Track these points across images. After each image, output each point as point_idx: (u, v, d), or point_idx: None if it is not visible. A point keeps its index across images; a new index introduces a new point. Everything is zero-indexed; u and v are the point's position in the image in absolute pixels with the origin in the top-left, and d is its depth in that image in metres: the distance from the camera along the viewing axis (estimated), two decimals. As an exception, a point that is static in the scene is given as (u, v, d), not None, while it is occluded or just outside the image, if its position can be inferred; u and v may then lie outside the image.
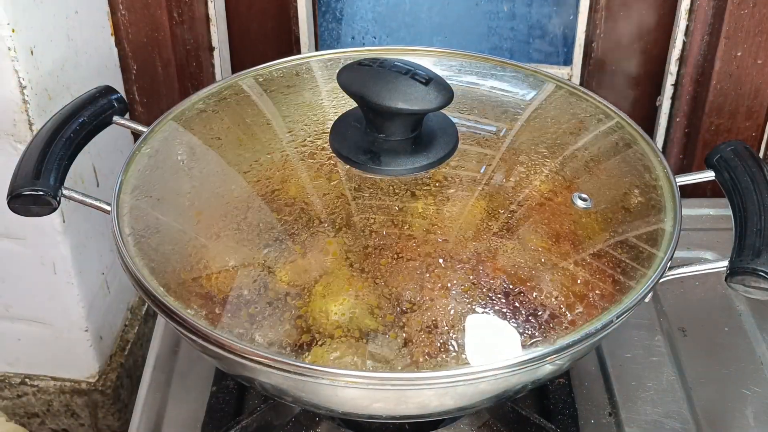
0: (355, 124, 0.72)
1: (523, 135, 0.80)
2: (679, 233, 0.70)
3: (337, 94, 0.80)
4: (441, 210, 0.77)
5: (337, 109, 0.79)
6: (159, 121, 0.80)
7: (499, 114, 0.82)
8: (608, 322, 0.65)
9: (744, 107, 1.00)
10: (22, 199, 0.68)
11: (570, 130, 0.83)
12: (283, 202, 0.81)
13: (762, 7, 0.94)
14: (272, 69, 0.87)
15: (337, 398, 0.61)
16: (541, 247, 0.77)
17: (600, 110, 0.83)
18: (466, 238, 0.78)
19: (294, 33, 1.09)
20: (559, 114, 0.83)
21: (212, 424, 0.75)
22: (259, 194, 0.84)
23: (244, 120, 0.84)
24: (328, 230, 0.78)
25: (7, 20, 0.82)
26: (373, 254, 0.76)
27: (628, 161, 0.79)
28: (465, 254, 0.77)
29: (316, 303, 0.69)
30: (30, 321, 1.02)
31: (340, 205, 0.82)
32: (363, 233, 0.78)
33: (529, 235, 0.78)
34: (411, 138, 0.70)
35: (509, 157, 0.81)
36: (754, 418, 0.77)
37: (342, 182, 0.80)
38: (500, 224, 0.79)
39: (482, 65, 0.89)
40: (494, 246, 0.78)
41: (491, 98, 0.86)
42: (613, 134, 0.81)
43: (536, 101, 0.85)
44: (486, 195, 0.80)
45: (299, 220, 0.79)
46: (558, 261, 0.76)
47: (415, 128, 0.71)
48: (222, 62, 1.09)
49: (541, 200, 0.82)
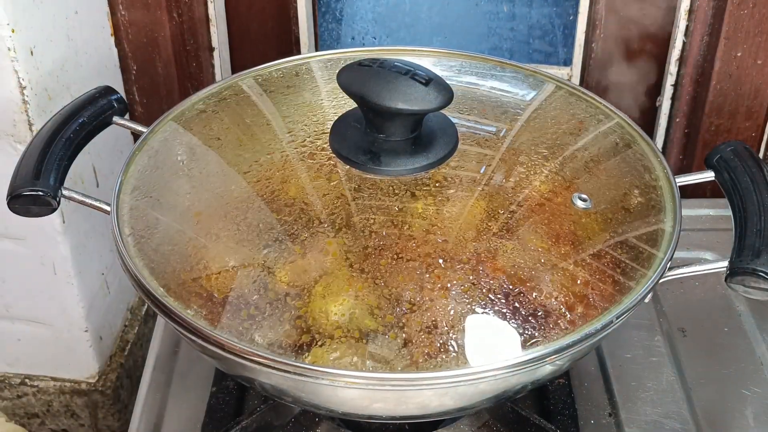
0: (354, 125, 0.72)
1: (523, 135, 0.80)
2: (679, 233, 0.70)
3: (337, 95, 0.80)
4: (441, 210, 0.77)
5: (337, 109, 0.79)
6: (159, 122, 0.80)
7: (499, 114, 0.82)
8: (608, 322, 0.65)
9: (744, 107, 1.00)
10: (22, 200, 0.68)
11: (570, 130, 0.83)
12: (282, 203, 0.81)
13: (762, 8, 0.94)
14: (272, 69, 0.87)
15: (337, 398, 0.61)
16: (541, 248, 0.77)
17: (600, 110, 0.83)
18: (465, 238, 0.78)
19: (294, 33, 1.09)
20: (559, 114, 0.83)
21: (212, 424, 0.75)
22: (258, 194, 0.84)
23: (244, 120, 0.84)
24: (328, 231, 0.78)
25: (7, 20, 0.82)
26: (373, 254, 0.76)
27: (627, 161, 0.79)
28: (465, 254, 0.77)
29: (316, 303, 0.69)
30: (30, 321, 1.02)
31: (340, 206, 0.82)
32: (363, 233, 0.78)
33: (529, 236, 0.78)
34: (411, 138, 0.70)
35: (509, 157, 0.81)
36: (754, 418, 0.77)
37: (342, 182, 0.80)
38: (500, 224, 0.79)
39: (482, 65, 0.89)
40: (494, 246, 0.78)
41: (491, 98, 0.86)
42: (613, 134, 0.81)
43: (536, 101, 0.85)
44: (486, 195, 0.80)
45: (299, 220, 0.79)
46: (558, 261, 0.76)
47: (415, 128, 0.71)
48: (222, 62, 1.09)
49: (541, 200, 0.82)
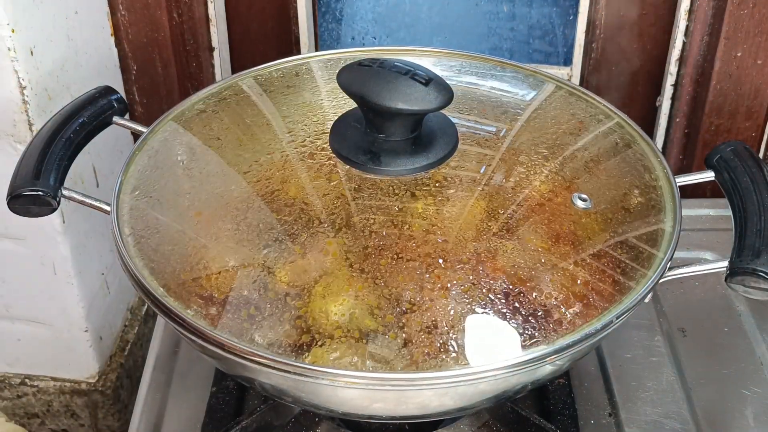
0: (354, 125, 0.72)
1: (523, 135, 0.80)
2: (679, 233, 0.70)
3: (337, 95, 0.80)
4: (441, 210, 0.77)
5: (337, 109, 0.79)
6: (159, 122, 0.80)
7: (499, 114, 0.82)
8: (608, 322, 0.65)
9: (744, 107, 1.00)
10: (22, 200, 0.68)
11: (570, 130, 0.83)
12: (282, 203, 0.81)
13: (762, 8, 0.94)
14: (272, 69, 0.87)
15: (337, 398, 0.61)
16: (541, 248, 0.77)
17: (600, 110, 0.83)
18: (465, 238, 0.78)
19: (294, 33, 1.09)
20: (559, 114, 0.83)
21: (212, 424, 0.75)
22: (258, 194, 0.84)
23: (244, 120, 0.84)
24: (328, 230, 0.78)
25: (7, 20, 0.82)
26: (373, 254, 0.76)
27: (628, 161, 0.79)
28: (465, 254, 0.77)
29: (316, 303, 0.69)
30: (30, 321, 1.02)
31: (340, 206, 0.82)
32: (363, 233, 0.78)
33: (529, 236, 0.78)
34: (411, 138, 0.70)
35: (509, 157, 0.81)
36: (754, 418, 0.77)
37: (342, 182, 0.80)
38: (500, 224, 0.79)
39: (482, 65, 0.89)
40: (494, 246, 0.78)
41: (491, 98, 0.86)
42: (613, 134, 0.81)
43: (536, 102, 0.85)
44: (486, 195, 0.80)
45: (299, 220, 0.79)
46: (558, 261, 0.76)
47: (415, 129, 0.71)
48: (222, 62, 1.08)
49: (541, 200, 0.82)
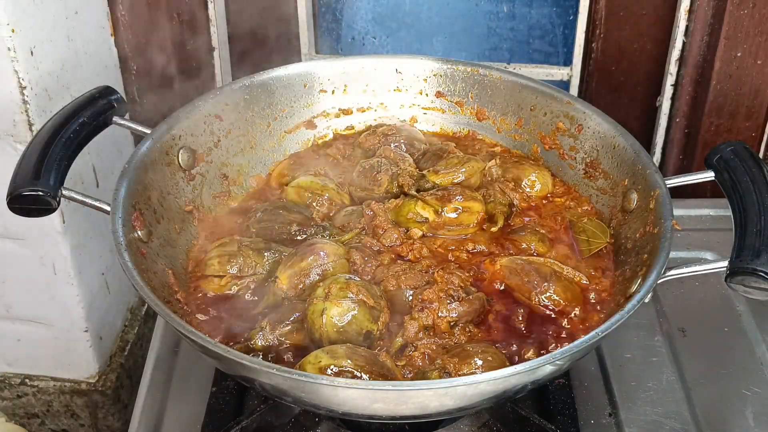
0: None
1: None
2: (672, 234, 0.70)
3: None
4: (441, 214, 0.78)
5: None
6: (160, 123, 0.80)
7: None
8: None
9: (744, 108, 1.00)
10: (22, 200, 0.68)
11: (569, 133, 0.84)
12: (284, 204, 0.82)
13: (762, 8, 0.94)
14: (272, 74, 0.87)
15: (337, 399, 0.61)
16: (541, 250, 0.78)
17: (595, 113, 0.83)
18: (465, 241, 0.78)
19: (294, 33, 1.09)
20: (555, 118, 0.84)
21: (212, 424, 0.75)
22: (259, 195, 0.84)
23: (245, 121, 0.85)
24: (329, 232, 0.78)
25: (7, 20, 0.82)
26: (374, 256, 0.76)
27: (622, 163, 0.79)
28: (465, 257, 0.77)
29: (317, 305, 0.69)
30: (30, 321, 1.02)
31: (340, 206, 0.82)
32: (363, 235, 0.78)
33: (529, 238, 0.78)
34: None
35: (510, 157, 0.81)
36: (754, 418, 0.77)
37: (344, 184, 0.80)
38: (499, 227, 0.79)
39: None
40: (494, 250, 0.78)
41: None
42: (610, 137, 0.81)
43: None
44: (485, 199, 0.81)
45: (300, 221, 0.79)
46: (558, 263, 0.76)
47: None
48: (222, 62, 1.08)
49: (541, 202, 0.82)
